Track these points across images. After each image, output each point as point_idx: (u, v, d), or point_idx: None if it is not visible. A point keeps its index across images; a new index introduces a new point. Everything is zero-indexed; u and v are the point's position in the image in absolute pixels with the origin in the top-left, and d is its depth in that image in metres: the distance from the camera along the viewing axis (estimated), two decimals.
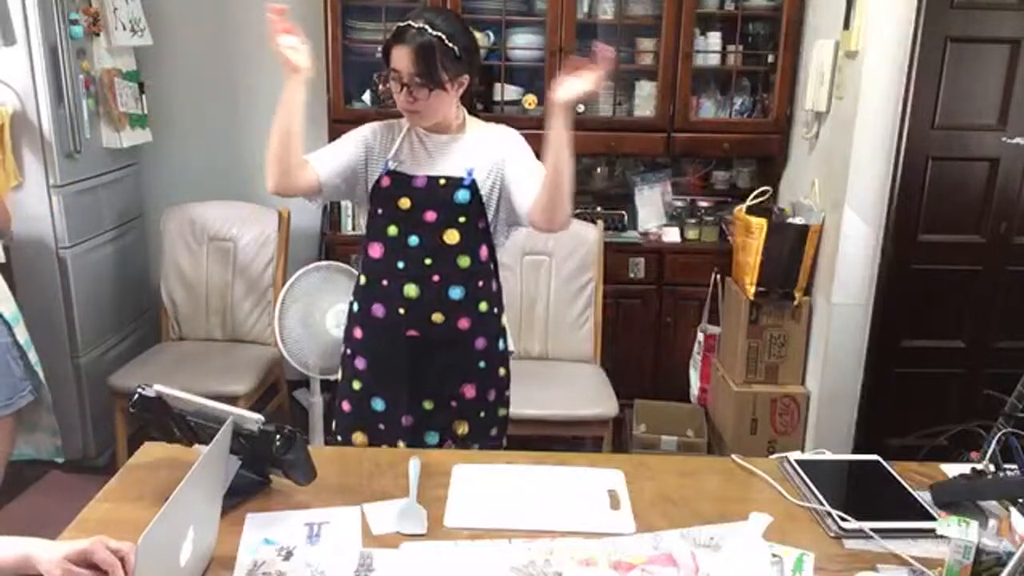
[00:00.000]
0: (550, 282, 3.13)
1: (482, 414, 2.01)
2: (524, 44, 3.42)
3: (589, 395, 2.91)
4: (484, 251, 1.94)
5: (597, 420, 2.84)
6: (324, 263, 2.94)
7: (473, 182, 1.87)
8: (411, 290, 1.89)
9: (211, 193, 3.42)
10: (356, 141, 1.94)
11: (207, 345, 3.26)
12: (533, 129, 3.25)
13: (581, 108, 3.46)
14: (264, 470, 1.50)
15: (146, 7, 3.34)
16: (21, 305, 2.68)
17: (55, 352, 2.96)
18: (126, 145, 3.26)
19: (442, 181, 1.87)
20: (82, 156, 3.01)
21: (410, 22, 1.77)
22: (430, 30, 1.75)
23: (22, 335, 2.56)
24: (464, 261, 1.90)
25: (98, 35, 3.10)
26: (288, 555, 1.32)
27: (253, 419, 1.41)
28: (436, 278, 1.89)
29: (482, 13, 3.35)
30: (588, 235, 3.13)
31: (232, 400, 2.60)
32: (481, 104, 3.30)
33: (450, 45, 1.77)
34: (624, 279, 3.42)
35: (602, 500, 1.51)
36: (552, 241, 3.08)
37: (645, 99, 3.45)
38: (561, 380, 3.00)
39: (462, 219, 1.88)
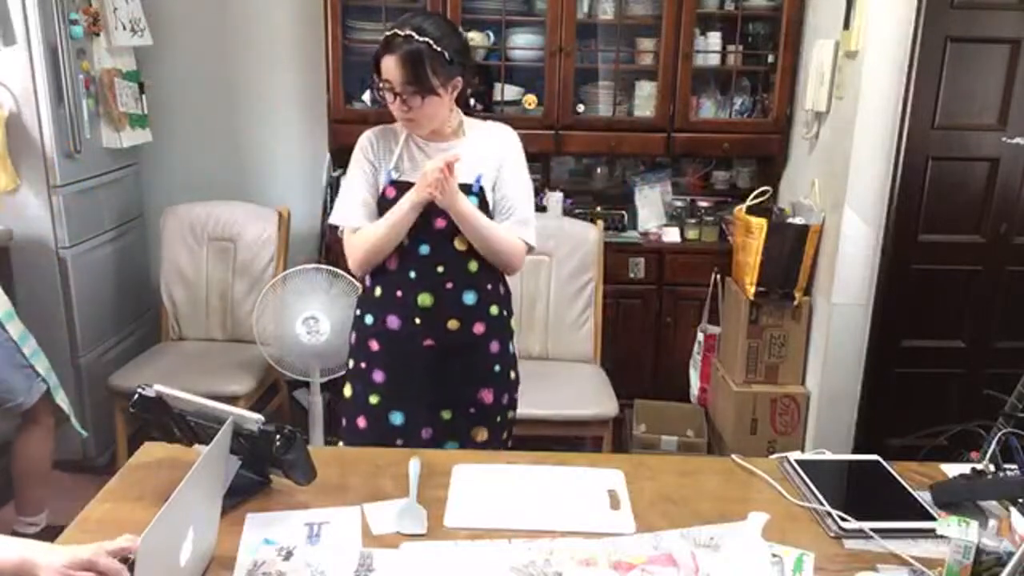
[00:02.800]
0: (550, 282, 3.13)
1: (498, 418, 2.01)
2: (524, 44, 3.42)
3: (589, 395, 2.91)
4: None
5: (597, 420, 2.84)
6: (310, 266, 2.88)
7: (481, 189, 1.87)
8: (425, 299, 1.88)
9: (211, 193, 3.42)
10: (360, 169, 1.91)
11: (207, 345, 3.26)
12: (533, 129, 3.32)
13: (581, 108, 3.46)
14: (264, 470, 1.50)
15: (146, 7, 3.34)
16: (19, 303, 2.68)
17: (55, 352, 2.93)
18: (126, 145, 3.26)
19: None
20: (82, 156, 3.01)
21: (396, 30, 1.74)
22: (417, 37, 1.72)
23: (15, 330, 2.48)
24: (474, 266, 1.90)
25: (98, 35, 3.09)
26: (288, 555, 1.32)
27: (253, 419, 1.41)
28: (449, 285, 1.88)
29: (482, 13, 3.34)
30: (588, 235, 3.13)
31: (232, 400, 2.60)
32: (481, 104, 3.29)
33: (439, 49, 1.74)
34: (624, 279, 3.41)
35: (602, 500, 1.51)
36: (552, 241, 3.08)
37: (645, 99, 3.45)
38: (561, 380, 3.00)
39: None
